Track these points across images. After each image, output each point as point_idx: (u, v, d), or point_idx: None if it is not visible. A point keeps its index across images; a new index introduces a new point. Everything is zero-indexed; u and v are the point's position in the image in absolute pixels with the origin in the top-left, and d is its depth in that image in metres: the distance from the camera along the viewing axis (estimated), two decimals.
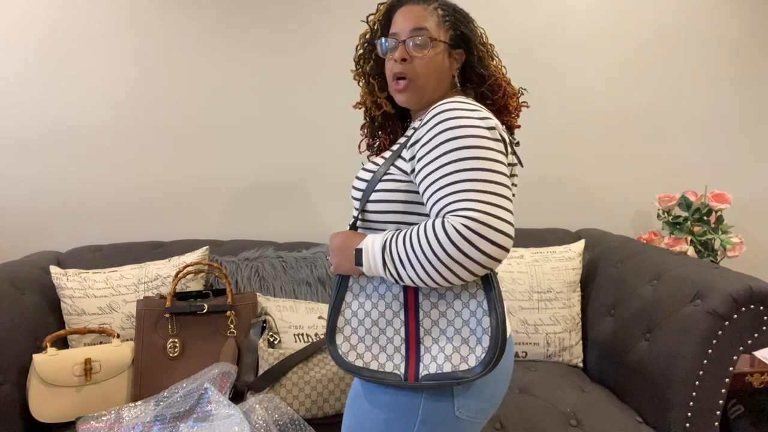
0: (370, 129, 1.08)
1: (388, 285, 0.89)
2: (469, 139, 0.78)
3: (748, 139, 2.23)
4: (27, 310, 1.51)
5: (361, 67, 1.04)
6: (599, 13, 2.11)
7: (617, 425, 1.35)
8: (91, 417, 1.35)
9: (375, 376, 0.86)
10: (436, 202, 0.78)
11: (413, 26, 0.92)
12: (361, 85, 1.06)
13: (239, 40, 2.00)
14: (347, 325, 0.90)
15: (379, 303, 0.89)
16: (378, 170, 0.90)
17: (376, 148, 1.10)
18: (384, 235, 0.84)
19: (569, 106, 2.15)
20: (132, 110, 1.97)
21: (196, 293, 1.63)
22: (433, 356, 0.84)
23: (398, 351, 0.86)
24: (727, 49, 2.17)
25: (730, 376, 1.28)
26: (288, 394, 1.40)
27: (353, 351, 0.89)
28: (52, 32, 1.89)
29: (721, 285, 1.29)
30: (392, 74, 0.94)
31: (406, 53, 0.92)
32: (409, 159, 0.86)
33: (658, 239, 2.03)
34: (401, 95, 0.95)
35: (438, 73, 0.94)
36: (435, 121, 0.81)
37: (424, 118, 0.85)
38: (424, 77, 0.93)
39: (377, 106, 1.04)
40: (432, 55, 0.93)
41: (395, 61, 0.93)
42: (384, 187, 0.88)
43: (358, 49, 1.04)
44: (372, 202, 0.89)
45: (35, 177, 1.94)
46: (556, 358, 1.71)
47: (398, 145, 0.94)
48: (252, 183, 2.06)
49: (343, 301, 0.91)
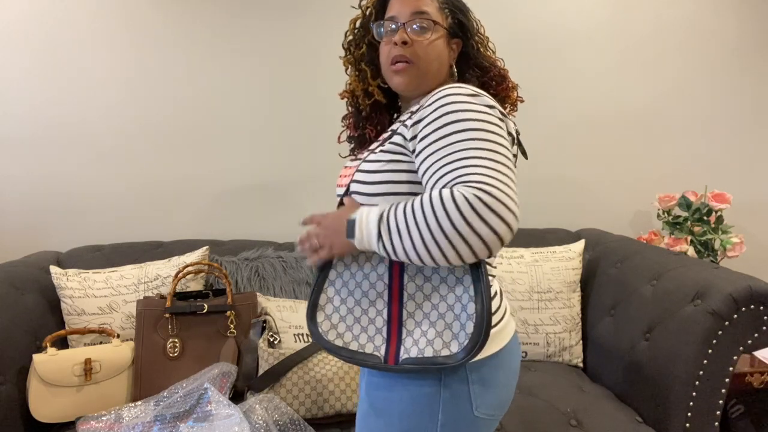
0: (356, 120, 1.03)
1: (374, 264, 0.86)
2: (477, 116, 0.75)
3: (748, 139, 2.23)
4: (27, 310, 1.51)
5: (352, 54, 0.99)
6: (599, 13, 2.11)
7: (617, 425, 1.35)
8: (91, 417, 1.35)
9: (354, 357, 0.84)
10: (444, 174, 0.72)
11: (414, 10, 0.90)
12: (349, 73, 1.02)
13: (240, 41, 2.00)
14: (329, 303, 0.88)
15: (363, 282, 0.87)
16: (381, 158, 0.86)
17: (357, 140, 1.05)
18: (381, 206, 0.79)
19: (569, 106, 2.14)
20: (132, 110, 1.97)
21: (196, 293, 1.63)
22: (414, 340, 0.82)
23: (380, 332, 0.85)
24: (727, 49, 2.17)
25: (730, 376, 1.28)
26: (288, 394, 1.40)
27: (333, 330, 0.87)
28: (51, 32, 1.89)
29: (721, 285, 1.29)
30: (390, 58, 0.91)
31: (407, 36, 0.89)
32: (410, 138, 0.81)
33: (658, 239, 2.03)
34: (399, 78, 0.91)
35: (439, 59, 0.92)
36: (441, 102, 0.78)
37: (425, 102, 0.82)
38: (425, 61, 0.90)
39: (367, 94, 0.98)
40: (434, 39, 0.90)
41: (395, 45, 0.89)
42: (387, 167, 0.84)
43: (347, 35, 1.00)
44: (377, 194, 0.85)
45: (35, 177, 1.94)
46: (556, 358, 1.71)
47: (389, 132, 0.91)
48: (252, 183, 2.06)
49: (326, 279, 0.89)
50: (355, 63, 0.99)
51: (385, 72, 0.94)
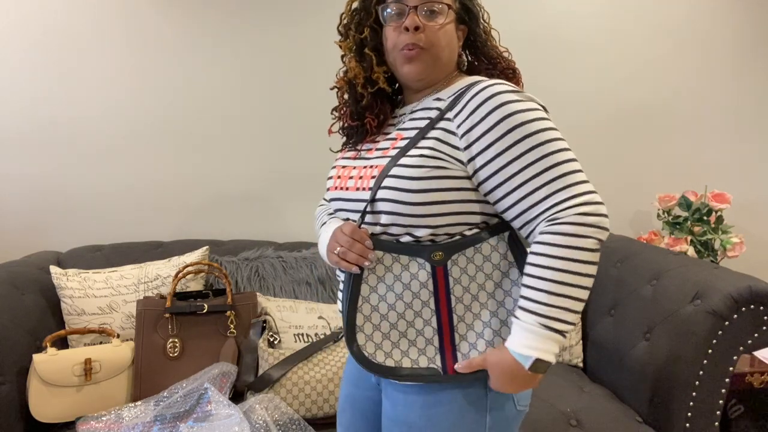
0: (354, 110, 0.92)
1: (413, 273, 0.81)
2: (540, 124, 0.75)
3: (748, 139, 2.23)
4: (27, 310, 1.51)
5: (352, 38, 0.90)
6: (599, 13, 2.11)
7: (617, 425, 1.35)
8: (91, 417, 1.35)
9: (413, 374, 0.79)
10: (528, 196, 0.74)
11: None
12: (347, 60, 0.92)
13: (240, 41, 2.00)
14: (367, 322, 0.81)
15: (405, 293, 0.81)
16: (425, 164, 0.78)
17: (356, 131, 0.94)
18: (523, 328, 0.74)
19: (569, 106, 2.14)
20: (132, 110, 1.97)
21: (196, 293, 1.63)
22: (471, 344, 0.80)
23: (430, 343, 0.80)
24: (727, 49, 2.17)
25: (730, 376, 1.28)
26: (288, 394, 1.40)
27: (380, 350, 0.80)
28: (51, 31, 1.89)
29: (721, 285, 1.28)
30: (400, 44, 0.84)
31: (419, 21, 0.82)
32: (464, 147, 0.77)
33: (658, 239, 2.03)
34: (411, 65, 0.84)
35: (450, 46, 0.86)
36: (494, 105, 0.75)
37: (466, 100, 0.78)
38: (438, 47, 0.84)
39: (370, 82, 0.89)
40: (445, 24, 0.84)
41: (405, 30, 0.82)
42: (433, 174, 0.77)
43: (343, 18, 0.92)
44: (422, 203, 0.77)
45: (35, 177, 1.94)
46: (555, 358, 1.70)
47: (414, 129, 0.84)
48: (252, 183, 2.06)
49: (359, 296, 0.81)
50: (357, 48, 0.90)
51: (393, 58, 0.87)
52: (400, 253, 0.81)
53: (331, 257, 0.85)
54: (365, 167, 0.87)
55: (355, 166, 0.90)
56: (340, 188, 0.91)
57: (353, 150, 0.95)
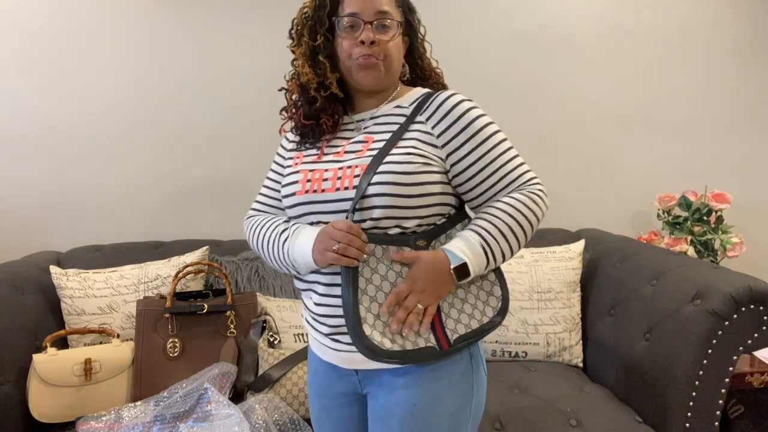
0: (307, 110, 0.96)
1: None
2: (494, 125, 0.91)
3: (748, 139, 2.23)
4: (27, 310, 1.51)
5: (306, 44, 0.94)
6: (599, 13, 2.11)
7: (617, 425, 1.35)
8: (91, 417, 1.35)
9: (418, 355, 0.84)
10: (501, 178, 0.89)
11: (378, 9, 0.90)
12: (298, 64, 0.97)
13: (240, 40, 2.00)
14: (369, 313, 0.84)
15: (398, 281, 0.86)
16: (414, 160, 0.86)
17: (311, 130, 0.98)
18: (466, 240, 0.86)
19: (569, 105, 2.14)
20: (133, 110, 1.97)
21: (196, 293, 1.63)
22: (455, 319, 0.88)
23: (424, 325, 0.86)
24: (727, 49, 2.17)
25: (730, 376, 1.28)
26: (288, 394, 1.40)
27: (385, 338, 0.83)
28: (51, 31, 1.89)
29: (721, 285, 1.28)
30: (356, 54, 0.90)
31: (373, 36, 0.89)
32: (442, 145, 0.89)
33: (658, 239, 2.03)
34: (366, 73, 0.91)
35: (399, 57, 0.96)
36: (463, 109, 0.89)
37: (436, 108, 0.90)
38: (390, 58, 0.92)
39: (324, 87, 0.94)
40: (395, 36, 0.93)
41: (360, 43, 0.89)
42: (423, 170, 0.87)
43: (296, 24, 0.96)
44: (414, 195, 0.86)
45: (35, 177, 1.94)
46: (556, 358, 1.71)
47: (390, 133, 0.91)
48: (252, 183, 2.06)
49: (357, 290, 0.84)
50: (310, 54, 0.94)
51: (347, 67, 0.93)
52: (390, 244, 0.87)
53: (327, 256, 0.85)
54: (341, 168, 0.91)
55: (328, 169, 0.92)
56: (311, 191, 0.91)
57: (313, 154, 0.97)
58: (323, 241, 0.86)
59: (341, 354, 0.91)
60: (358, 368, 0.92)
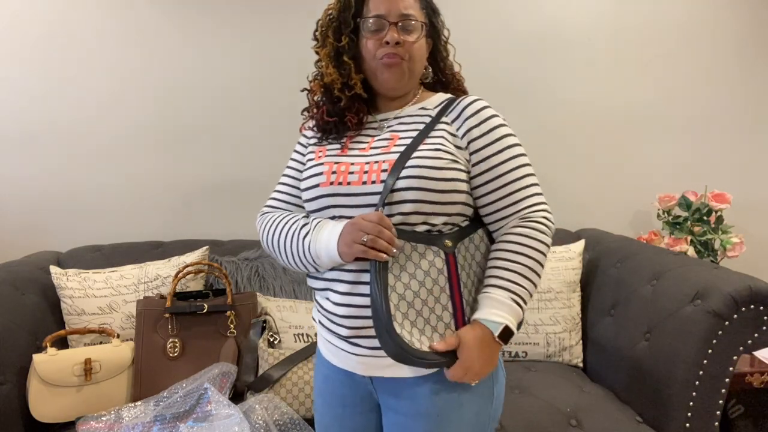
0: (331, 109, 0.96)
1: (429, 260, 0.85)
2: (514, 138, 0.91)
3: (748, 139, 2.23)
4: (27, 310, 1.51)
5: (331, 45, 0.94)
6: (599, 12, 2.11)
7: (617, 425, 1.35)
8: (91, 417, 1.35)
9: (441, 360, 0.82)
10: (512, 193, 0.89)
11: (403, 11, 0.91)
12: (321, 65, 0.97)
13: (240, 40, 2.00)
14: (398, 311, 0.82)
15: (426, 280, 0.84)
16: (443, 156, 0.87)
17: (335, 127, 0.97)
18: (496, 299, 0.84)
19: (569, 106, 2.14)
20: (133, 110, 1.97)
21: (196, 293, 1.63)
22: None
23: (449, 327, 0.84)
24: (727, 49, 2.17)
25: (730, 376, 1.28)
26: (288, 394, 1.40)
27: (413, 338, 0.81)
28: (51, 32, 1.89)
29: (721, 285, 1.28)
30: (380, 54, 0.91)
31: (398, 37, 0.90)
32: (465, 147, 0.90)
33: (658, 239, 2.03)
34: (390, 74, 0.92)
35: (422, 59, 0.97)
36: (488, 115, 0.90)
37: (461, 110, 0.91)
38: (413, 60, 0.93)
39: (348, 87, 0.94)
40: (419, 39, 0.93)
41: (386, 43, 0.90)
42: (453, 166, 0.87)
43: (321, 26, 0.97)
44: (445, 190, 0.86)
45: (35, 177, 1.94)
46: (556, 358, 1.71)
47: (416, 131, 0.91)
48: (252, 183, 2.06)
49: (387, 287, 0.82)
50: (335, 55, 0.95)
51: (372, 67, 0.94)
52: (418, 242, 0.85)
53: (354, 248, 0.82)
54: (368, 163, 0.89)
55: (354, 162, 0.90)
56: (337, 183, 0.89)
57: (336, 148, 0.96)
58: (351, 232, 0.83)
59: (359, 359, 0.88)
60: (375, 375, 0.90)
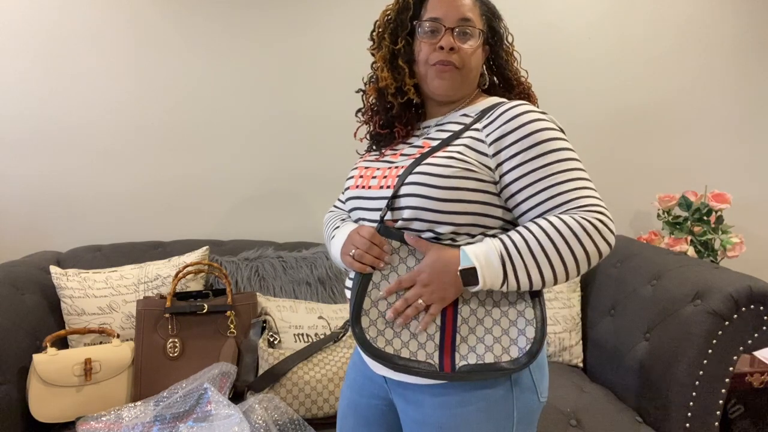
0: (383, 117, 0.96)
1: None
2: (560, 137, 0.82)
3: (748, 139, 2.23)
4: (27, 310, 1.51)
5: (387, 47, 0.93)
6: (598, 13, 2.11)
7: (617, 425, 1.35)
8: (91, 417, 1.35)
9: (408, 365, 0.79)
10: (553, 196, 0.78)
11: (461, 16, 0.88)
12: (377, 68, 0.96)
13: (240, 41, 2.00)
14: (373, 308, 0.82)
15: None
16: (453, 164, 0.82)
17: (384, 138, 0.98)
18: (487, 245, 0.78)
19: (569, 106, 2.14)
20: (132, 110, 1.97)
21: (196, 293, 1.63)
22: (470, 346, 0.81)
23: (431, 339, 0.81)
24: (727, 49, 2.17)
25: (730, 376, 1.28)
26: (288, 394, 1.40)
27: (381, 336, 0.81)
28: (52, 32, 1.89)
29: (721, 285, 1.28)
30: (433, 59, 0.89)
31: (454, 42, 0.88)
32: (493, 154, 0.82)
33: (658, 239, 2.03)
34: (442, 81, 0.89)
35: (478, 67, 0.93)
36: (523, 120, 0.81)
37: (497, 116, 0.83)
38: (467, 68, 0.90)
39: (401, 93, 0.93)
40: (476, 47, 0.90)
41: (440, 48, 0.88)
42: (461, 174, 0.81)
43: (378, 27, 0.96)
44: (446, 199, 0.81)
45: (35, 177, 1.94)
46: (556, 358, 1.71)
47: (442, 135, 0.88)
48: (252, 183, 2.06)
49: (370, 281, 0.83)
50: (391, 59, 0.93)
51: (424, 72, 0.92)
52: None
53: (345, 259, 0.87)
54: (390, 168, 0.91)
55: (379, 167, 0.94)
56: (361, 187, 0.94)
57: (376, 154, 1.00)
58: (346, 244, 0.88)
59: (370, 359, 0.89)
60: (387, 375, 0.90)
